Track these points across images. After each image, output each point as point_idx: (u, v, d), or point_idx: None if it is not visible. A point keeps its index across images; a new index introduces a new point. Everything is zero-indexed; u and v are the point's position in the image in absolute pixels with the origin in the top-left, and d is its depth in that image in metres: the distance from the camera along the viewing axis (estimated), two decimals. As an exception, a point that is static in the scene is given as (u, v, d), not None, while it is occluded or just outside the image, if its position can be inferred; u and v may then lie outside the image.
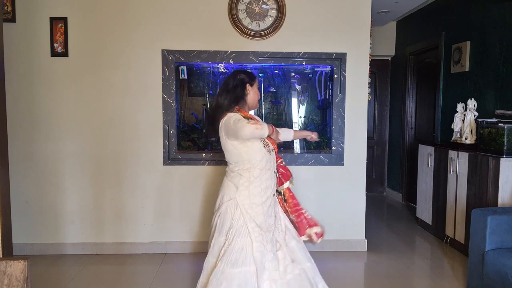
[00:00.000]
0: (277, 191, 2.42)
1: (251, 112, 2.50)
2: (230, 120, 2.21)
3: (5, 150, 2.33)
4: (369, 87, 3.72)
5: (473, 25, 4.03)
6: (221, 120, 2.28)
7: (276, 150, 2.43)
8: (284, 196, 2.44)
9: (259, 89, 2.52)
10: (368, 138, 3.81)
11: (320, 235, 2.45)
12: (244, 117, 2.27)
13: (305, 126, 4.00)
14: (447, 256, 3.61)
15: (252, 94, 2.38)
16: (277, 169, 2.41)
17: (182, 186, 3.62)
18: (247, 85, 2.36)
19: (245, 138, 2.20)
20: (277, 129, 2.34)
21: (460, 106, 3.90)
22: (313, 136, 2.56)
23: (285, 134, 2.48)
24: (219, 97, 2.35)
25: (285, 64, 3.65)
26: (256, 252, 2.20)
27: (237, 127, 2.16)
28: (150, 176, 3.60)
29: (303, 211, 2.46)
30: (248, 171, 2.25)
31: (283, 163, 2.50)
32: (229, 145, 2.27)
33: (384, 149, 6.25)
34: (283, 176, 2.44)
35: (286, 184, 2.44)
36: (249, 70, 2.51)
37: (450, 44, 4.41)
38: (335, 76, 3.62)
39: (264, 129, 2.16)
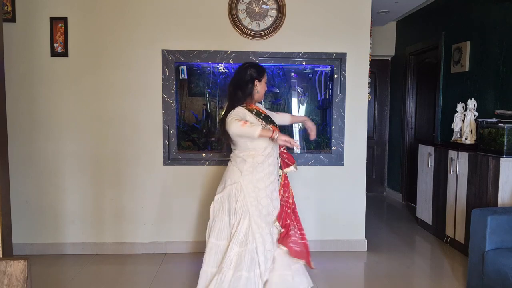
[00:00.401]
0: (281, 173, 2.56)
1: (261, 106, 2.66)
2: (230, 114, 2.35)
3: (5, 150, 2.33)
4: (369, 87, 3.72)
5: (473, 25, 4.03)
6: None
7: None
8: (279, 180, 2.55)
9: (267, 82, 2.59)
10: (368, 138, 3.81)
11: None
12: (250, 110, 2.41)
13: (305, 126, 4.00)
14: (447, 256, 3.61)
15: (259, 88, 2.51)
16: (280, 155, 2.55)
17: (182, 186, 3.62)
18: (256, 81, 2.48)
19: (233, 135, 2.34)
20: (281, 135, 2.31)
21: (460, 106, 3.90)
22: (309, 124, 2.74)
23: (280, 119, 2.74)
24: (232, 94, 2.48)
25: (285, 64, 3.65)
26: (256, 233, 2.34)
27: (228, 123, 2.31)
28: (150, 176, 3.60)
29: (288, 205, 2.56)
30: (253, 157, 2.38)
31: (286, 149, 2.58)
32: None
33: (384, 149, 6.25)
34: (289, 159, 2.56)
35: (292, 168, 2.55)
36: (257, 63, 2.61)
37: (450, 44, 4.41)
38: (335, 76, 3.62)
39: (252, 129, 2.23)
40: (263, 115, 2.48)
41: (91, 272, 3.24)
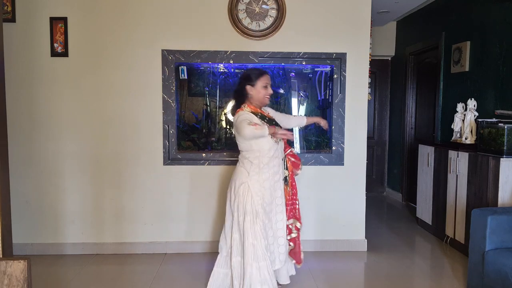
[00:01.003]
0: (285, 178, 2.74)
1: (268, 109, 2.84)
2: (238, 119, 2.55)
3: (5, 150, 2.33)
4: (369, 87, 3.72)
5: (473, 25, 4.03)
6: (234, 117, 2.63)
7: (285, 140, 2.70)
8: (287, 181, 2.73)
9: (266, 86, 2.66)
10: (368, 138, 3.81)
11: (298, 229, 2.80)
12: (254, 113, 2.59)
13: (305, 126, 4.00)
14: (447, 256, 3.61)
15: (255, 93, 2.64)
16: (287, 157, 2.73)
17: (182, 186, 3.62)
18: (247, 86, 2.63)
19: (247, 138, 2.52)
20: (279, 130, 2.54)
21: (460, 106, 3.90)
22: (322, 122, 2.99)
23: (297, 122, 3.03)
24: (234, 95, 2.75)
25: (285, 64, 3.65)
26: (262, 230, 2.52)
27: (240, 127, 2.48)
28: (150, 176, 3.60)
29: (297, 202, 2.80)
30: (258, 158, 2.55)
31: (293, 151, 2.80)
32: (241, 138, 2.57)
33: (384, 149, 6.25)
34: (295, 159, 2.78)
35: (299, 171, 2.80)
36: (256, 69, 2.78)
37: (450, 44, 4.41)
38: (335, 76, 3.62)
39: (263, 130, 2.43)
40: (267, 118, 2.66)
41: (91, 272, 3.24)
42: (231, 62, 3.57)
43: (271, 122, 2.68)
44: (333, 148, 3.66)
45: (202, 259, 3.49)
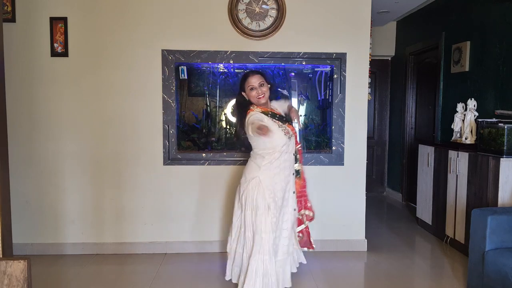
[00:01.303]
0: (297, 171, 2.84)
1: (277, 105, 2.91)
2: (247, 120, 2.63)
3: (5, 150, 2.33)
4: (369, 87, 3.72)
5: (473, 25, 4.03)
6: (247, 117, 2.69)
7: (296, 135, 2.81)
8: (299, 174, 2.85)
9: (253, 88, 2.68)
10: (368, 138, 3.81)
11: (311, 219, 2.94)
12: (264, 113, 2.65)
13: (305, 126, 4.00)
14: (447, 256, 3.61)
15: (248, 97, 2.72)
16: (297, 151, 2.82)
17: (182, 186, 3.62)
18: (242, 93, 2.76)
19: (251, 136, 2.59)
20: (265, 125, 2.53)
21: (460, 106, 3.90)
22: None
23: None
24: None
25: (285, 64, 3.65)
26: (273, 224, 2.58)
27: (247, 131, 2.59)
28: (150, 176, 3.60)
29: (306, 193, 2.90)
30: (270, 154, 2.61)
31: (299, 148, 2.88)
32: (252, 138, 2.65)
33: (384, 149, 6.25)
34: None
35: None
36: (244, 74, 2.82)
37: (450, 44, 4.41)
38: (335, 76, 3.62)
39: (267, 133, 2.45)
40: (277, 116, 2.72)
41: (91, 272, 3.24)
42: (231, 62, 3.57)
43: (282, 118, 2.73)
44: (333, 148, 3.66)
45: (203, 259, 3.49)
